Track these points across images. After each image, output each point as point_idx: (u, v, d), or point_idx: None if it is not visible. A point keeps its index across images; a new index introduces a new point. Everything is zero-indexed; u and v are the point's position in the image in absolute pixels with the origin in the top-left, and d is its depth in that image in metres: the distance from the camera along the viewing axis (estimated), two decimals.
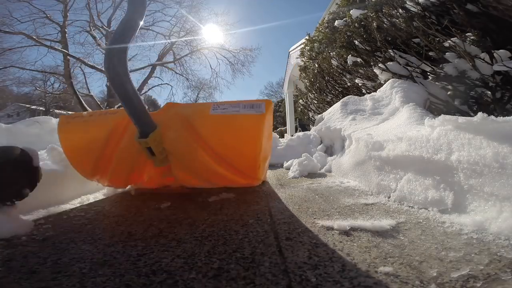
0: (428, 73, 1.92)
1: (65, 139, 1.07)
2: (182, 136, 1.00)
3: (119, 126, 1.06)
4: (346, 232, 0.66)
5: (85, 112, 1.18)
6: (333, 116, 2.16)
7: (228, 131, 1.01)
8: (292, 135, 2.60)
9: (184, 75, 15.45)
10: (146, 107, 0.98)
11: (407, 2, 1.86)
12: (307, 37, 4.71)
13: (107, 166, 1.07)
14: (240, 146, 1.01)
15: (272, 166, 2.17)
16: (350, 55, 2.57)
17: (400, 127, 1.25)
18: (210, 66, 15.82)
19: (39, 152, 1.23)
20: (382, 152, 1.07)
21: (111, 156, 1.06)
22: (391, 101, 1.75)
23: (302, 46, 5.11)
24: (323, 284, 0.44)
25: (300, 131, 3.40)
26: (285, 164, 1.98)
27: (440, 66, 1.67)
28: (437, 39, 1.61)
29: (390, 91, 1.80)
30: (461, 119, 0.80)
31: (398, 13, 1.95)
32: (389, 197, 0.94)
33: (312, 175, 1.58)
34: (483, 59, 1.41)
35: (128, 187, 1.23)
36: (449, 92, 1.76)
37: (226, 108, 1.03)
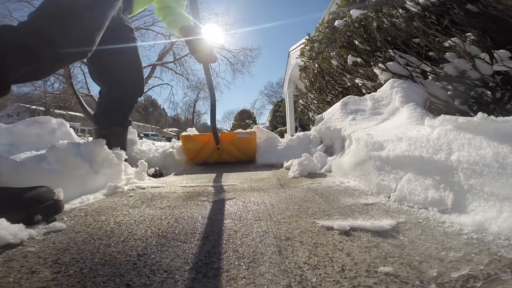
0: (428, 73, 1.92)
1: (184, 144, 2.41)
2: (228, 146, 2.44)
3: (205, 142, 2.39)
4: (346, 232, 0.67)
5: (192, 134, 2.47)
6: (333, 116, 2.15)
7: (244, 142, 2.42)
8: (292, 135, 2.60)
9: (184, 75, 15.46)
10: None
11: (407, 2, 1.86)
12: (307, 37, 4.71)
13: (198, 157, 2.45)
14: (248, 148, 2.45)
15: (272, 166, 2.17)
16: (350, 55, 2.57)
17: (400, 127, 1.25)
18: (210, 66, 15.84)
19: (39, 152, 1.24)
20: (382, 152, 1.07)
21: (200, 153, 2.43)
22: (391, 101, 1.75)
23: (302, 46, 5.11)
24: (323, 284, 0.44)
25: (300, 131, 3.40)
26: (285, 164, 1.98)
27: (440, 66, 1.67)
28: (437, 39, 1.61)
29: (390, 91, 1.80)
30: (461, 119, 0.80)
31: (398, 13, 1.95)
32: (389, 197, 0.95)
33: (312, 175, 1.58)
34: (483, 59, 1.41)
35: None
36: (449, 92, 1.76)
37: (241, 134, 2.41)
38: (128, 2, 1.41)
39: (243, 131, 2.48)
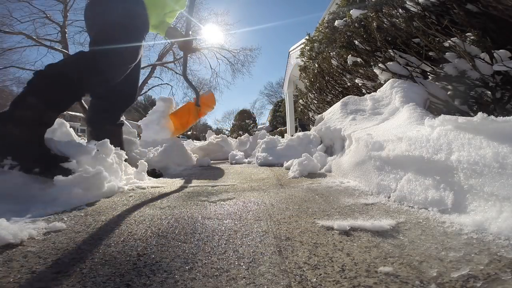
0: (428, 73, 1.92)
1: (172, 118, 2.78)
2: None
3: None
4: (346, 232, 0.67)
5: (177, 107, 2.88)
6: (333, 116, 2.15)
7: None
8: (292, 135, 2.60)
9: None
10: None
11: (407, 2, 1.86)
12: (307, 37, 4.71)
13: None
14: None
15: (272, 166, 2.17)
16: (350, 55, 2.57)
17: (400, 127, 1.25)
18: (210, 66, 15.86)
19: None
20: (382, 152, 1.07)
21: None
22: (391, 101, 1.75)
23: (302, 46, 5.10)
24: (323, 284, 0.44)
25: (300, 131, 3.40)
26: (285, 164, 1.98)
27: (440, 66, 1.67)
28: (437, 39, 1.61)
29: (390, 91, 1.80)
30: (461, 119, 0.80)
31: (398, 13, 1.95)
32: (389, 197, 0.95)
33: (312, 175, 1.58)
34: (483, 59, 1.41)
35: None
36: (449, 92, 1.76)
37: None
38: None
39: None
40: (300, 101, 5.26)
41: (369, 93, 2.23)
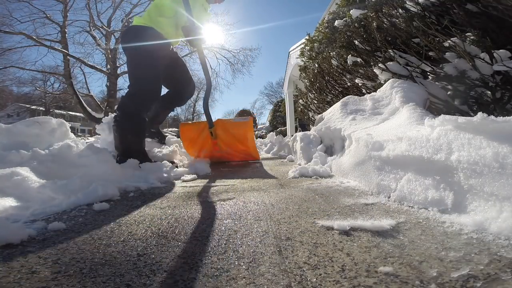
0: (428, 73, 1.91)
1: (182, 133, 2.34)
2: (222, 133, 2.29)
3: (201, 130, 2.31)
4: (346, 232, 0.67)
5: (190, 122, 2.67)
6: (333, 116, 2.15)
7: (239, 127, 2.34)
8: (292, 135, 2.60)
9: None
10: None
11: (407, 2, 1.86)
12: (307, 37, 4.71)
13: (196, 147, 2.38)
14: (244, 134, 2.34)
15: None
16: (350, 55, 2.57)
17: (400, 127, 1.25)
18: (210, 66, 15.83)
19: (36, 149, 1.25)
20: (382, 152, 1.07)
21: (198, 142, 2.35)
22: (391, 101, 1.74)
23: (302, 46, 5.10)
24: (323, 284, 0.44)
25: (300, 131, 3.40)
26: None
27: (440, 66, 1.67)
28: (437, 39, 1.61)
29: (390, 91, 1.80)
30: (461, 119, 0.80)
31: (398, 13, 1.95)
32: (389, 197, 0.95)
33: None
34: (483, 59, 1.41)
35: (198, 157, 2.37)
36: (449, 92, 1.76)
37: (237, 119, 2.41)
38: (169, 43, 2.13)
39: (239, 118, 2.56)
40: (300, 101, 5.26)
41: (369, 93, 2.23)
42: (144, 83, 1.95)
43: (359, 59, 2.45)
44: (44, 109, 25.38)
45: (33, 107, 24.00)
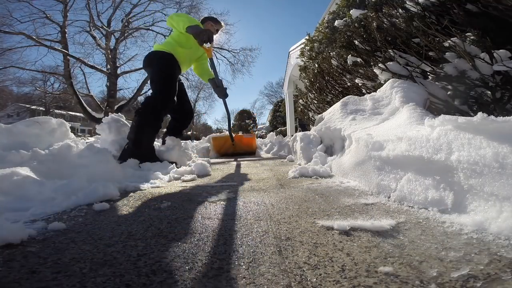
0: (428, 73, 1.91)
1: (214, 140, 3.80)
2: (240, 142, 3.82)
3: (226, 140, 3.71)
4: (346, 232, 0.67)
5: (217, 134, 4.16)
6: (333, 116, 2.15)
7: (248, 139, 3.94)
8: (292, 135, 2.60)
9: (184, 75, 15.44)
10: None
11: (407, 2, 1.86)
12: (307, 37, 4.71)
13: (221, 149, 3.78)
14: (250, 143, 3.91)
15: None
16: (350, 55, 2.57)
17: (400, 127, 1.25)
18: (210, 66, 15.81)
19: (36, 149, 1.25)
20: (382, 152, 1.07)
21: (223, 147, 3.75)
22: (391, 101, 1.74)
23: (302, 46, 5.10)
24: (323, 284, 0.44)
25: (300, 131, 3.41)
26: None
27: (440, 66, 1.67)
28: (437, 39, 1.61)
29: (390, 91, 1.80)
30: (461, 119, 0.80)
31: (398, 13, 1.95)
32: (389, 197, 0.95)
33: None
34: (483, 59, 1.41)
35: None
36: (449, 92, 1.76)
37: (246, 135, 3.99)
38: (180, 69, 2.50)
39: (246, 134, 4.17)
40: (300, 101, 5.26)
41: (369, 93, 2.23)
42: (167, 89, 2.28)
43: (359, 59, 2.45)
44: (44, 109, 25.38)
45: (33, 107, 23.98)
